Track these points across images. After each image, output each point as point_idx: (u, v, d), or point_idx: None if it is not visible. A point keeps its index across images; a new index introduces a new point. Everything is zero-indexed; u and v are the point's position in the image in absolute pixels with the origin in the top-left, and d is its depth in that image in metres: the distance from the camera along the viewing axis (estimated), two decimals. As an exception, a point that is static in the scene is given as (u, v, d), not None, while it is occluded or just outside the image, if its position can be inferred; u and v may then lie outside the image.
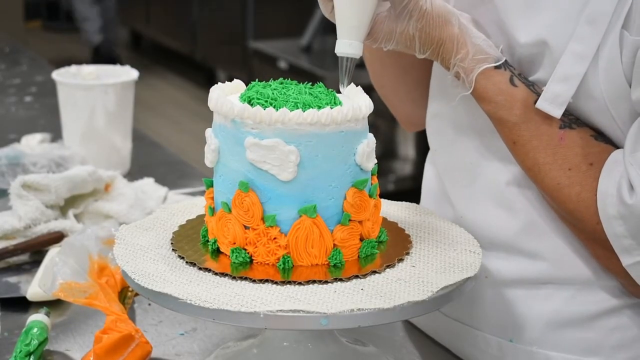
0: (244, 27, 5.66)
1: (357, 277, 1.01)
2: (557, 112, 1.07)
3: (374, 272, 1.03)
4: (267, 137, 1.00)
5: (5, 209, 1.50)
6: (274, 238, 1.03)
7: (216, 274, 1.02)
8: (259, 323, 0.95)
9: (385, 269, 1.03)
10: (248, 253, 1.04)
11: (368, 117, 1.06)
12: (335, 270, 1.02)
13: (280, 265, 1.02)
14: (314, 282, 1.00)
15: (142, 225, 1.15)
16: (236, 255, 1.04)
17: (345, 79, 1.09)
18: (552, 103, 1.07)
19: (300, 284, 1.00)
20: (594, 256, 1.13)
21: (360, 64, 1.35)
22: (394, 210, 1.21)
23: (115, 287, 1.23)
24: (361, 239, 1.06)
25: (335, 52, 1.09)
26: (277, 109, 1.00)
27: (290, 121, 1.00)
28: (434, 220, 1.18)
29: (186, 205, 1.21)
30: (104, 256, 1.26)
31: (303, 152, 1.01)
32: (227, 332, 1.25)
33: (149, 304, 1.32)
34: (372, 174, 1.08)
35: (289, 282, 1.00)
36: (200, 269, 1.03)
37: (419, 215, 1.19)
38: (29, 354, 1.14)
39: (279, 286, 0.99)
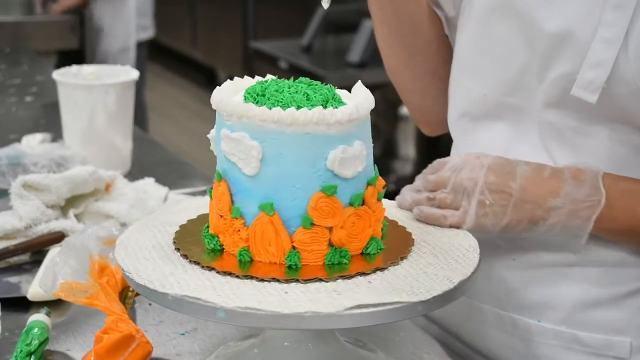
0: (245, 27, 5.66)
1: (358, 276, 1.01)
2: (592, 98, 1.09)
3: (375, 271, 1.02)
4: (236, 130, 1.02)
5: (6, 209, 1.50)
6: (238, 230, 1.04)
7: (219, 273, 1.02)
8: (259, 323, 0.95)
9: (386, 269, 1.03)
10: (219, 241, 1.06)
11: (370, 117, 1.06)
12: (337, 269, 1.02)
13: (239, 257, 1.04)
14: (314, 281, 1.00)
15: (142, 225, 1.15)
16: (208, 241, 1.07)
17: None
18: (586, 89, 1.09)
19: (301, 282, 1.00)
20: None
21: (360, 64, 1.35)
22: (394, 209, 1.20)
23: (116, 287, 1.23)
24: (331, 245, 1.04)
25: None
26: (259, 105, 1.01)
27: (254, 117, 1.00)
28: (435, 220, 1.18)
29: (187, 205, 1.21)
30: (104, 256, 1.26)
31: (267, 148, 1.01)
32: (228, 331, 1.25)
33: (150, 304, 1.32)
34: (369, 184, 1.05)
35: (296, 280, 1.00)
36: (202, 267, 1.03)
37: (419, 215, 1.19)
38: (29, 354, 1.14)
39: (282, 284, 0.99)
